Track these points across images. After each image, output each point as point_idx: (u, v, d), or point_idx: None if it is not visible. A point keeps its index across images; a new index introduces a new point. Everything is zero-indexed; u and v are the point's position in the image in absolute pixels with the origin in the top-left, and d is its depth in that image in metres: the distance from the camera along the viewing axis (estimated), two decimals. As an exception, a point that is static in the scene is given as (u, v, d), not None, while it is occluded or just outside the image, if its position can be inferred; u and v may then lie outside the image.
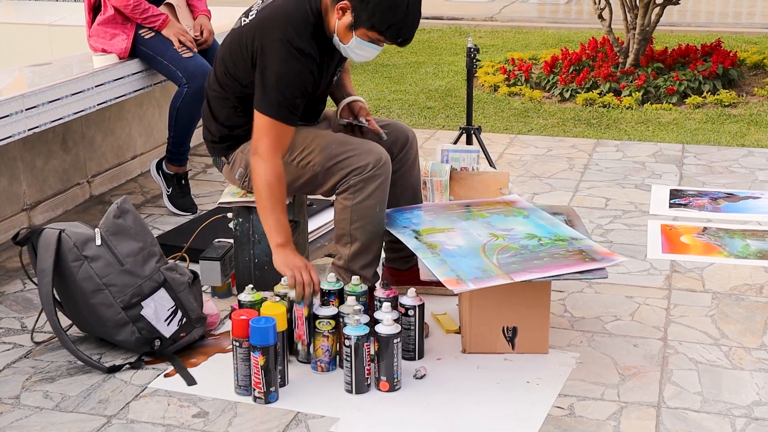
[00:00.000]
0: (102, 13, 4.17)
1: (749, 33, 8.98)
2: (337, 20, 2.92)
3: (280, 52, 2.91)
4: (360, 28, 2.90)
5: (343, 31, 2.94)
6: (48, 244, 2.90)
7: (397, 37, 2.92)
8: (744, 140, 5.47)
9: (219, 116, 3.16)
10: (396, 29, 2.90)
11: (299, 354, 2.89)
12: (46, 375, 2.90)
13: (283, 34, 2.90)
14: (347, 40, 2.95)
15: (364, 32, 2.91)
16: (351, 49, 2.98)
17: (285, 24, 2.92)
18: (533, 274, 2.76)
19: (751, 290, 3.45)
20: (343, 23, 2.92)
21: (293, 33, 2.91)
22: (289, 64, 2.91)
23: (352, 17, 2.89)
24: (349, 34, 2.93)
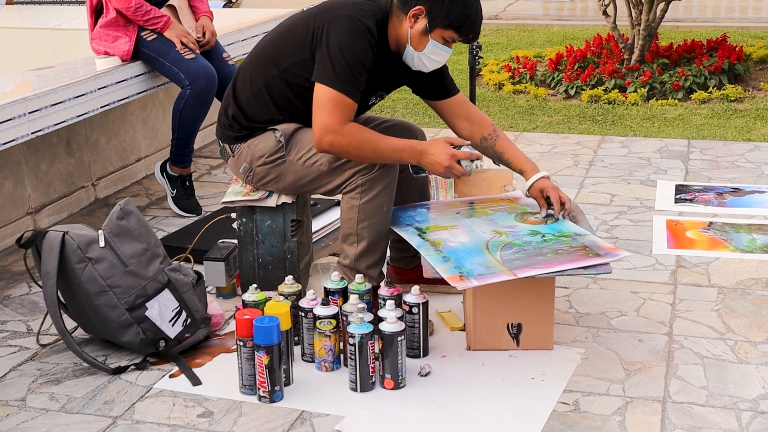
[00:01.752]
0: (104, 16, 4.18)
1: (756, 27, 8.96)
2: (410, 28, 2.95)
3: (347, 27, 2.92)
4: (436, 29, 2.94)
5: (417, 38, 2.96)
6: (52, 246, 2.91)
7: (471, 31, 2.99)
8: (750, 135, 5.45)
9: (240, 98, 3.14)
10: (471, 23, 2.97)
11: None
12: (52, 377, 2.90)
13: (352, 11, 2.94)
14: (422, 47, 2.97)
15: (439, 33, 2.95)
16: (426, 56, 2.99)
17: (354, 6, 2.97)
18: (536, 270, 2.75)
19: (757, 284, 3.44)
20: (417, 30, 2.95)
21: (362, 13, 2.95)
22: (356, 38, 2.91)
23: (426, 21, 2.93)
24: (424, 39, 2.96)
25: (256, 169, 3.14)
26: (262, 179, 3.16)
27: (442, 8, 2.92)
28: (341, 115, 2.90)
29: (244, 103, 3.13)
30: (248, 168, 3.16)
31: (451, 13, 2.93)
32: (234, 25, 5.03)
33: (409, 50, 2.99)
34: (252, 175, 3.17)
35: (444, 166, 2.91)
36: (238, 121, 3.16)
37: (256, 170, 3.15)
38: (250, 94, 3.11)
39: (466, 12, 2.95)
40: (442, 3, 2.91)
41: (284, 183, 3.13)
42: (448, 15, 2.92)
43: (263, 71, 3.09)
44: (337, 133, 2.90)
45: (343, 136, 2.90)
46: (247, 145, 3.15)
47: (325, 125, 2.90)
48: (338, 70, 2.90)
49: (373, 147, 2.92)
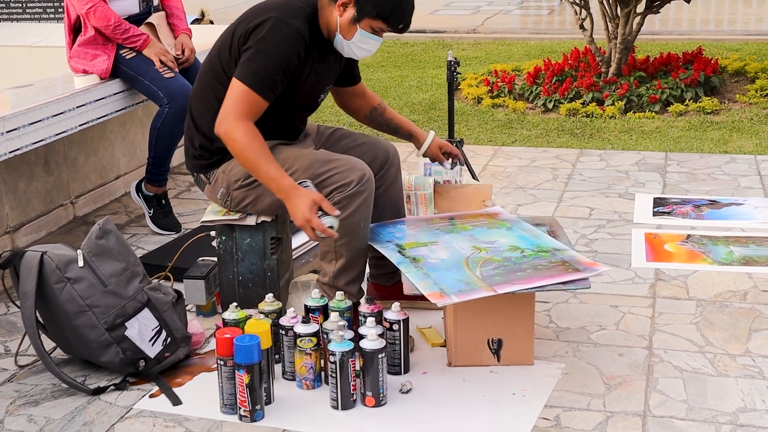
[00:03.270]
0: (82, 34, 4.17)
1: (730, 40, 9.04)
2: (339, 17, 2.98)
3: (271, 27, 2.94)
4: (364, 19, 2.97)
5: (346, 27, 2.99)
6: (30, 266, 2.89)
7: (400, 22, 2.99)
8: (726, 147, 5.50)
9: (201, 125, 3.15)
10: (400, 13, 2.98)
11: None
12: (30, 398, 2.88)
13: (281, 12, 2.97)
14: (351, 35, 3.00)
15: (368, 23, 2.98)
16: (355, 45, 3.02)
17: (284, 7, 3.00)
18: (516, 286, 2.76)
19: (735, 297, 3.46)
20: (345, 19, 2.98)
21: (290, 13, 2.97)
22: (278, 38, 2.94)
23: (355, 10, 2.96)
24: (353, 28, 2.99)
25: (233, 193, 3.14)
26: (241, 203, 3.16)
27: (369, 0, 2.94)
28: (245, 107, 2.94)
29: (206, 128, 3.14)
30: (225, 193, 3.16)
31: (379, 4, 2.94)
32: (213, 42, 5.02)
33: (339, 38, 3.03)
34: (230, 199, 3.17)
35: (298, 222, 2.90)
36: (206, 148, 3.17)
37: (233, 194, 3.15)
38: (209, 118, 3.10)
39: (394, 3, 2.96)
40: None
41: (262, 205, 3.13)
42: (375, 6, 2.94)
43: (213, 91, 3.10)
44: (232, 124, 2.93)
45: (236, 130, 2.93)
46: (222, 170, 3.16)
47: (225, 113, 2.95)
48: (253, 68, 2.94)
49: (252, 158, 2.93)
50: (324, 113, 6.61)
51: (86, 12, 4.08)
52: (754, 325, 3.23)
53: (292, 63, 2.97)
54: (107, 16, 4.08)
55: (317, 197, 2.90)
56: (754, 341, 3.12)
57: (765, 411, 2.71)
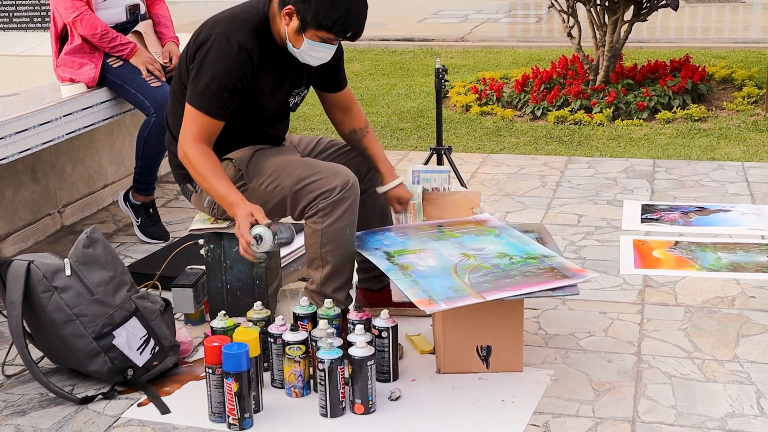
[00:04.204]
0: (69, 43, 4.16)
1: (717, 48, 9.08)
2: (286, 26, 2.96)
3: (215, 45, 2.94)
4: (308, 30, 2.93)
5: (293, 36, 2.97)
6: (17, 275, 2.88)
7: (346, 32, 2.93)
8: (714, 154, 5.52)
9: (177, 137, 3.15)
10: (342, 23, 2.90)
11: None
12: (18, 408, 2.87)
13: (224, 28, 2.97)
14: (299, 44, 2.98)
15: (313, 33, 2.94)
16: (305, 53, 3.00)
17: (228, 21, 2.99)
18: (505, 293, 2.77)
19: (723, 303, 3.47)
20: (291, 28, 2.96)
21: (234, 28, 2.96)
22: (221, 57, 2.94)
23: (299, 20, 2.93)
24: (299, 38, 2.96)
25: (218, 201, 3.14)
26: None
27: (310, 10, 2.89)
28: (196, 130, 2.97)
29: None
30: (212, 201, 3.16)
31: (319, 15, 2.89)
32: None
33: (289, 46, 3.01)
34: (217, 207, 3.16)
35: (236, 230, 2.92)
36: None
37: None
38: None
39: (335, 13, 2.88)
40: (309, 4, 2.88)
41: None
42: (315, 17, 2.89)
43: (181, 104, 3.09)
44: (186, 147, 2.99)
45: (189, 154, 2.98)
46: None
47: (181, 138, 3.01)
48: (198, 89, 2.96)
49: (203, 178, 2.98)
50: (312, 121, 6.61)
51: (73, 20, 4.07)
52: (742, 331, 3.24)
53: (237, 80, 2.95)
54: (94, 24, 4.07)
55: (255, 208, 2.91)
56: (742, 347, 3.13)
57: (753, 416, 2.71)
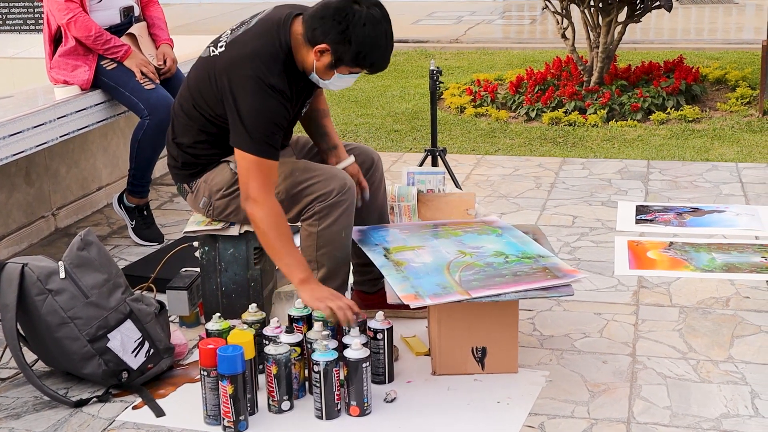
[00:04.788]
0: (63, 45, 4.15)
1: (711, 49, 9.09)
2: (316, 61, 2.91)
3: (252, 89, 2.87)
4: (342, 67, 2.90)
5: (323, 71, 2.93)
6: (11, 278, 2.87)
7: (379, 69, 2.95)
8: (708, 155, 5.53)
9: (182, 143, 3.15)
10: (379, 63, 2.92)
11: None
12: (12, 411, 2.86)
13: (253, 70, 2.87)
14: (328, 77, 2.95)
15: (346, 69, 2.92)
16: (332, 84, 2.98)
17: (254, 61, 2.89)
18: (492, 290, 2.77)
19: (717, 303, 3.48)
20: (322, 63, 2.91)
21: (264, 69, 2.88)
22: (263, 99, 2.87)
23: (332, 58, 2.88)
24: (330, 73, 2.93)
25: (215, 202, 3.14)
26: (223, 212, 3.16)
27: (348, 51, 2.85)
28: (263, 180, 2.90)
29: (187, 146, 3.14)
30: (208, 202, 3.16)
31: (358, 56, 2.87)
32: (195, 52, 5.00)
33: (314, 77, 2.97)
34: (212, 208, 3.16)
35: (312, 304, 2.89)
36: (188, 162, 3.17)
37: (215, 204, 3.15)
38: (191, 138, 3.11)
39: (374, 55, 2.89)
40: (348, 45, 2.84)
41: (244, 214, 3.12)
42: (354, 58, 2.87)
43: (196, 119, 3.08)
44: (257, 203, 2.91)
45: (261, 210, 2.91)
46: (204, 180, 3.15)
47: (250, 193, 2.91)
48: (253, 136, 2.88)
49: (270, 242, 2.93)
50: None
51: (67, 22, 4.06)
52: (737, 332, 3.25)
53: (283, 118, 2.94)
54: (88, 26, 4.06)
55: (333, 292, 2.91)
56: (736, 347, 3.13)
57: (748, 416, 2.72)
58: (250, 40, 2.94)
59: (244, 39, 2.96)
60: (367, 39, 2.84)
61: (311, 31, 2.87)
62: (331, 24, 2.83)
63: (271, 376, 2.73)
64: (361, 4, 2.85)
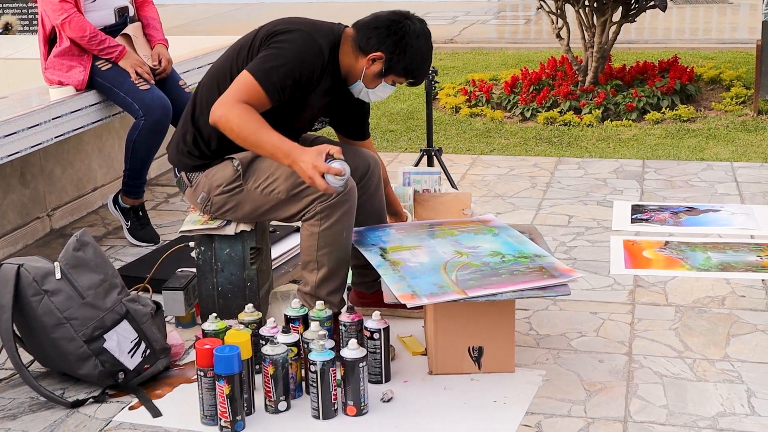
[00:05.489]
0: (58, 45, 4.14)
1: (705, 48, 9.11)
2: (366, 68, 3.03)
3: (299, 38, 2.97)
4: (390, 75, 3.04)
5: (371, 78, 3.05)
6: (6, 279, 2.87)
7: (420, 81, 3.13)
8: (703, 154, 5.53)
9: (199, 120, 3.11)
10: (423, 75, 3.11)
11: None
12: (8, 412, 2.85)
13: (308, 29, 3.01)
14: (374, 86, 3.08)
15: (393, 78, 3.06)
16: (374, 93, 3.10)
17: (312, 26, 3.04)
18: (488, 290, 2.77)
19: (713, 302, 3.48)
20: (372, 71, 3.03)
21: (318, 33, 3.01)
22: (300, 47, 2.96)
23: (383, 66, 3.01)
24: (377, 81, 3.06)
25: (213, 198, 3.13)
26: (220, 208, 3.15)
27: (402, 60, 3.01)
28: (245, 96, 2.92)
29: (203, 124, 3.11)
30: (206, 198, 3.15)
31: (410, 67, 3.04)
32: (190, 52, 5.02)
33: (360, 85, 3.08)
34: (210, 204, 3.15)
35: (308, 176, 2.86)
36: (198, 145, 3.14)
37: (213, 200, 3.13)
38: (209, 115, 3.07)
39: (424, 66, 3.08)
40: (402, 55, 3.00)
41: (242, 212, 3.12)
42: (406, 68, 3.03)
43: (220, 87, 3.06)
44: (229, 107, 2.91)
45: (233, 112, 2.91)
46: (205, 175, 3.14)
47: (224, 99, 2.94)
48: (267, 65, 2.94)
49: (253, 133, 2.90)
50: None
51: (61, 23, 4.06)
52: (733, 330, 3.25)
53: (305, 75, 2.97)
54: (83, 26, 4.06)
55: (322, 147, 2.89)
56: (732, 346, 3.14)
57: (744, 415, 2.72)
58: (303, 18, 3.09)
59: (296, 17, 3.11)
60: (419, 51, 3.03)
61: (365, 40, 3.01)
62: (386, 34, 2.99)
63: (268, 376, 2.73)
64: (412, 19, 3.04)
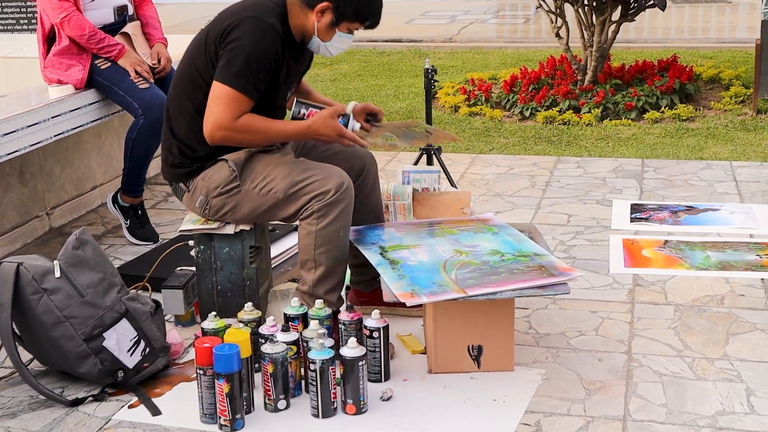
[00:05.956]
0: (57, 44, 4.14)
1: (704, 48, 9.11)
2: (317, 22, 3.04)
3: (250, 27, 2.98)
4: (343, 23, 3.06)
5: (324, 31, 3.06)
6: (6, 278, 2.86)
7: (376, 21, 3.11)
8: (702, 153, 5.54)
9: (179, 132, 3.14)
10: (376, 14, 3.09)
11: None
12: (8, 411, 2.85)
13: (254, 12, 3.01)
14: (329, 38, 3.08)
15: (346, 25, 3.07)
16: (331, 45, 3.11)
17: (252, 7, 3.04)
18: (488, 288, 2.77)
19: (712, 301, 3.48)
20: (324, 23, 3.04)
21: (264, 12, 3.02)
22: (255, 36, 2.97)
23: (333, 16, 3.03)
24: (331, 32, 3.07)
25: (211, 200, 3.13)
26: (219, 210, 3.15)
27: (350, 5, 3.03)
28: (235, 110, 2.98)
29: (184, 135, 3.14)
30: (204, 201, 3.15)
31: (360, 7, 3.05)
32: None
33: (316, 41, 3.09)
34: (208, 207, 3.15)
35: (337, 139, 3.08)
36: (186, 155, 3.16)
37: (211, 202, 3.14)
38: (186, 125, 3.11)
39: (374, 5, 3.08)
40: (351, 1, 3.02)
41: (241, 213, 3.13)
42: (356, 10, 3.04)
43: (188, 95, 3.10)
44: (229, 129, 2.99)
45: (236, 131, 3.00)
46: (201, 178, 3.15)
47: (218, 121, 2.98)
48: (238, 70, 2.96)
49: (265, 135, 3.05)
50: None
51: (60, 21, 4.05)
52: (732, 329, 3.25)
53: (272, 60, 3.00)
54: (82, 25, 4.06)
55: (331, 111, 3.04)
56: (731, 345, 3.14)
57: (743, 414, 2.72)
58: (243, 4, 3.08)
59: (236, 5, 3.09)
60: None
61: None
62: None
63: (267, 375, 2.73)
64: None
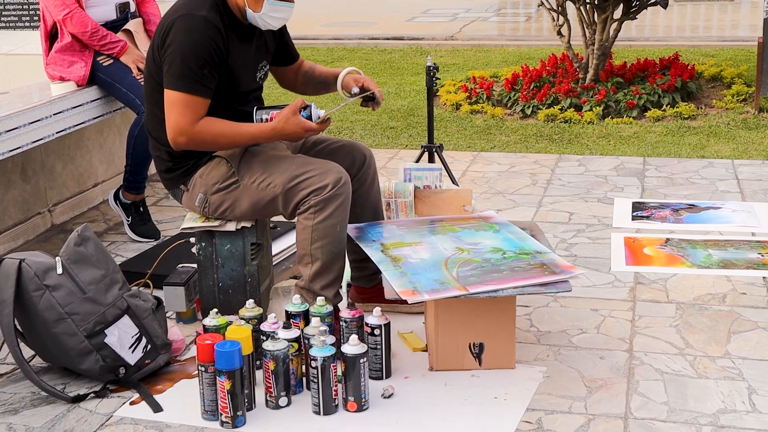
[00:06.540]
0: (59, 41, 4.15)
1: (706, 46, 9.11)
2: None
3: (182, 27, 2.98)
4: None
5: (253, 2, 3.03)
6: (8, 274, 2.87)
7: None
8: (704, 152, 5.53)
9: (161, 138, 3.16)
10: None
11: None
12: (9, 407, 2.85)
13: (185, 9, 3.01)
14: (259, 8, 3.04)
15: None
16: (267, 15, 3.06)
17: (184, 5, 3.04)
18: (490, 286, 2.77)
19: (714, 299, 3.48)
20: None
21: (194, 7, 3.01)
22: (189, 34, 2.97)
23: None
24: (260, 2, 3.03)
25: (210, 197, 3.14)
26: (219, 207, 3.15)
27: None
28: (192, 114, 2.99)
29: (167, 140, 3.12)
30: (204, 198, 3.15)
31: None
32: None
33: (250, 13, 3.06)
34: (208, 205, 3.16)
35: (304, 134, 3.04)
36: (176, 156, 3.17)
37: (210, 199, 3.14)
38: (164, 131, 3.10)
39: None
40: None
41: (240, 209, 3.13)
42: None
43: (157, 105, 3.11)
44: (189, 133, 3.00)
45: (196, 134, 3.00)
46: (199, 175, 3.16)
47: (178, 127, 2.99)
48: (180, 72, 2.97)
49: (229, 139, 3.05)
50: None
51: (63, 18, 4.06)
52: (733, 328, 3.25)
53: (212, 53, 2.99)
54: (84, 22, 4.06)
55: (291, 108, 3.00)
56: (733, 343, 3.14)
57: (745, 412, 2.72)
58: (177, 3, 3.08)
59: (172, 6, 3.10)
60: None
61: None
62: None
63: (268, 372, 2.74)
64: None
